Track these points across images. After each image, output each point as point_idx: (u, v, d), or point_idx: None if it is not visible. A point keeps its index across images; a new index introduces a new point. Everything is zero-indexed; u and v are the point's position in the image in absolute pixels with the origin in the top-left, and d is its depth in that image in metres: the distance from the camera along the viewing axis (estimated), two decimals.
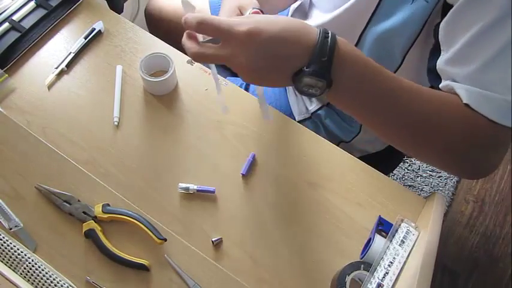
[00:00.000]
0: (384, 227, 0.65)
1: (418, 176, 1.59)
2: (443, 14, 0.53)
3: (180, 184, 0.68)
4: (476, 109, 0.48)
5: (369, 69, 0.47)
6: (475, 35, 0.48)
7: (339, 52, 0.45)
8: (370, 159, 0.92)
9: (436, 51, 0.55)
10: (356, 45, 0.68)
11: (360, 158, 0.75)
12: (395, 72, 0.69)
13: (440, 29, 0.53)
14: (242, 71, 0.46)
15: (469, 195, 1.57)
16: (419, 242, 0.61)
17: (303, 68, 0.44)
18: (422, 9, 0.55)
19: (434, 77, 0.56)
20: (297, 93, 0.89)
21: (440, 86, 0.54)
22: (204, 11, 0.93)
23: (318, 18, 0.76)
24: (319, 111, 0.86)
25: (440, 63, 0.53)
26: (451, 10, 0.50)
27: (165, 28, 0.98)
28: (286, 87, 0.90)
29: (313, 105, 0.87)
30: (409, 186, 1.56)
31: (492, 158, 0.52)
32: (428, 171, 1.60)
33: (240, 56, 0.44)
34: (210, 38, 0.48)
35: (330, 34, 0.45)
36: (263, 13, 0.55)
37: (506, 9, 0.45)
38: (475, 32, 0.47)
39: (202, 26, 0.45)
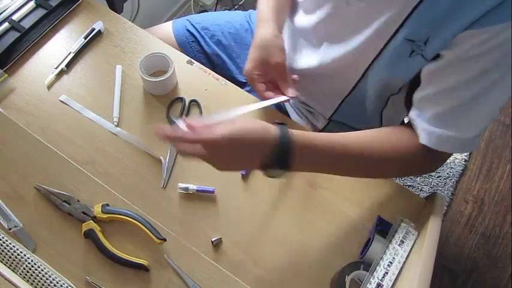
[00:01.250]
0: (384, 227, 0.65)
1: (417, 176, 1.59)
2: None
3: (179, 184, 0.68)
4: (434, 147, 0.61)
5: (318, 150, 0.58)
6: (449, 87, 0.58)
7: (294, 148, 0.55)
8: None
9: (411, 89, 0.65)
10: (359, 80, 0.71)
11: None
12: (390, 96, 0.72)
13: (423, 73, 0.61)
14: (216, 166, 0.56)
15: (469, 195, 1.57)
16: (419, 242, 0.61)
17: (268, 163, 0.55)
18: (421, 63, 0.60)
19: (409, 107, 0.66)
20: (298, 112, 0.89)
21: (409, 115, 0.65)
22: (171, 38, 0.93)
23: (313, 57, 0.76)
24: (328, 127, 0.86)
25: (417, 96, 0.63)
26: (437, 64, 0.58)
27: None
28: (286, 107, 0.93)
29: (320, 122, 0.86)
30: (409, 186, 1.56)
31: (436, 167, 0.68)
32: None
33: (214, 156, 0.55)
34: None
35: (287, 136, 0.55)
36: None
37: (477, 74, 0.55)
38: (450, 84, 0.58)
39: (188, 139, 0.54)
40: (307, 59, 0.77)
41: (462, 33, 0.54)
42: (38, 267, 0.59)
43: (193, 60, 0.81)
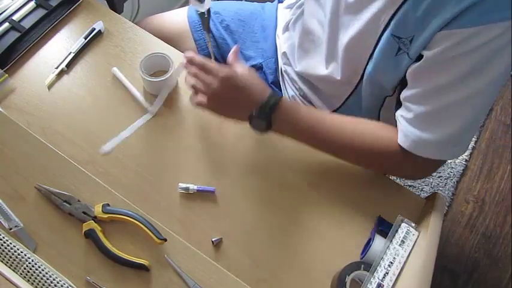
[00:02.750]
0: (384, 227, 0.65)
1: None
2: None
3: (180, 184, 0.68)
4: (408, 149, 0.62)
5: (300, 118, 0.65)
6: (429, 89, 0.59)
7: (279, 108, 0.64)
8: None
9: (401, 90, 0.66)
10: (358, 82, 0.73)
11: None
12: (385, 98, 0.73)
13: (408, 73, 0.62)
14: (212, 97, 0.65)
15: (469, 195, 1.57)
16: (420, 242, 0.61)
17: (254, 115, 0.64)
18: (407, 62, 0.61)
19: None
20: None
21: (396, 113, 0.65)
22: (186, 30, 0.96)
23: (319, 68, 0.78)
24: None
25: (402, 96, 0.64)
26: (419, 64, 0.59)
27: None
28: None
29: None
30: (409, 186, 1.56)
31: (418, 174, 0.70)
32: None
33: (215, 86, 0.64)
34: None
35: (274, 99, 0.64)
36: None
37: (460, 76, 0.56)
38: (429, 87, 0.59)
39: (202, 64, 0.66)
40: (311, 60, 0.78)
41: (439, 33, 0.55)
42: (39, 267, 0.59)
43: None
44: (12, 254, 0.59)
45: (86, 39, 0.79)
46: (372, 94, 0.72)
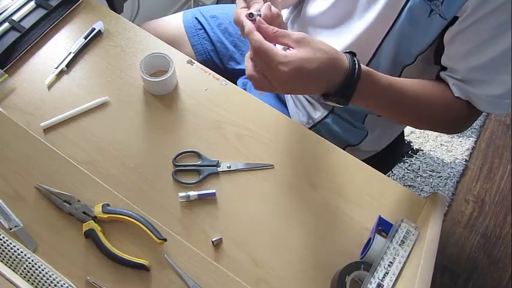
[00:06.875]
0: (384, 227, 0.65)
1: (418, 176, 1.59)
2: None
3: (179, 194, 0.68)
4: (465, 98, 0.66)
5: (379, 87, 0.61)
6: (473, 48, 0.62)
7: (360, 84, 0.57)
8: (369, 158, 0.92)
9: (439, 51, 0.68)
10: (374, 55, 0.72)
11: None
12: (405, 67, 0.73)
13: (445, 37, 0.64)
14: (278, 87, 0.56)
15: (469, 195, 1.57)
16: (419, 242, 0.61)
17: (331, 94, 0.57)
18: (440, 23, 0.63)
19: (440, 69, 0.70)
20: (296, 103, 0.89)
21: (440, 74, 0.69)
22: (182, 36, 0.95)
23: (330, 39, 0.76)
24: (326, 119, 0.86)
25: (443, 61, 0.67)
26: (457, 26, 0.62)
27: None
28: (285, 99, 0.93)
29: (318, 113, 0.86)
30: (409, 186, 1.56)
31: (465, 125, 0.74)
32: (428, 171, 1.60)
33: (281, 84, 0.55)
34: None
35: (356, 71, 0.56)
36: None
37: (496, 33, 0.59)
38: (474, 45, 0.62)
39: (259, 51, 0.54)
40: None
41: None
42: (39, 267, 0.59)
43: (193, 60, 0.81)
44: (12, 254, 0.59)
45: (85, 39, 0.79)
46: (389, 66, 0.72)
